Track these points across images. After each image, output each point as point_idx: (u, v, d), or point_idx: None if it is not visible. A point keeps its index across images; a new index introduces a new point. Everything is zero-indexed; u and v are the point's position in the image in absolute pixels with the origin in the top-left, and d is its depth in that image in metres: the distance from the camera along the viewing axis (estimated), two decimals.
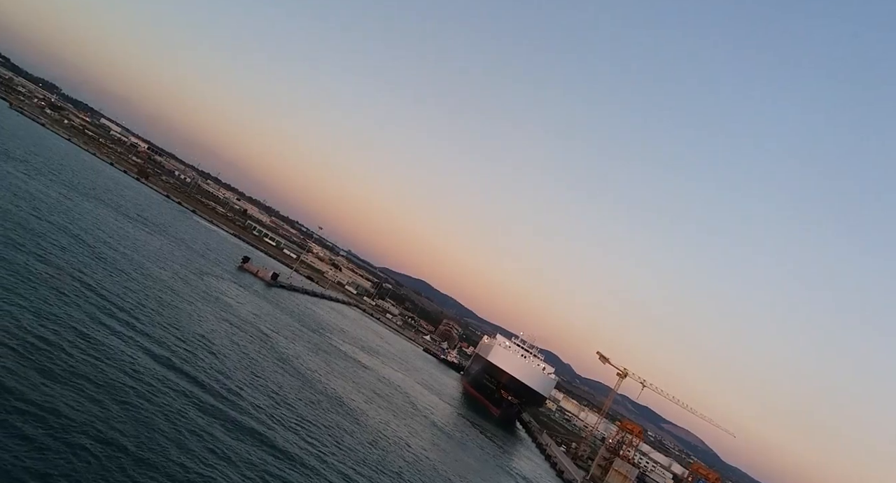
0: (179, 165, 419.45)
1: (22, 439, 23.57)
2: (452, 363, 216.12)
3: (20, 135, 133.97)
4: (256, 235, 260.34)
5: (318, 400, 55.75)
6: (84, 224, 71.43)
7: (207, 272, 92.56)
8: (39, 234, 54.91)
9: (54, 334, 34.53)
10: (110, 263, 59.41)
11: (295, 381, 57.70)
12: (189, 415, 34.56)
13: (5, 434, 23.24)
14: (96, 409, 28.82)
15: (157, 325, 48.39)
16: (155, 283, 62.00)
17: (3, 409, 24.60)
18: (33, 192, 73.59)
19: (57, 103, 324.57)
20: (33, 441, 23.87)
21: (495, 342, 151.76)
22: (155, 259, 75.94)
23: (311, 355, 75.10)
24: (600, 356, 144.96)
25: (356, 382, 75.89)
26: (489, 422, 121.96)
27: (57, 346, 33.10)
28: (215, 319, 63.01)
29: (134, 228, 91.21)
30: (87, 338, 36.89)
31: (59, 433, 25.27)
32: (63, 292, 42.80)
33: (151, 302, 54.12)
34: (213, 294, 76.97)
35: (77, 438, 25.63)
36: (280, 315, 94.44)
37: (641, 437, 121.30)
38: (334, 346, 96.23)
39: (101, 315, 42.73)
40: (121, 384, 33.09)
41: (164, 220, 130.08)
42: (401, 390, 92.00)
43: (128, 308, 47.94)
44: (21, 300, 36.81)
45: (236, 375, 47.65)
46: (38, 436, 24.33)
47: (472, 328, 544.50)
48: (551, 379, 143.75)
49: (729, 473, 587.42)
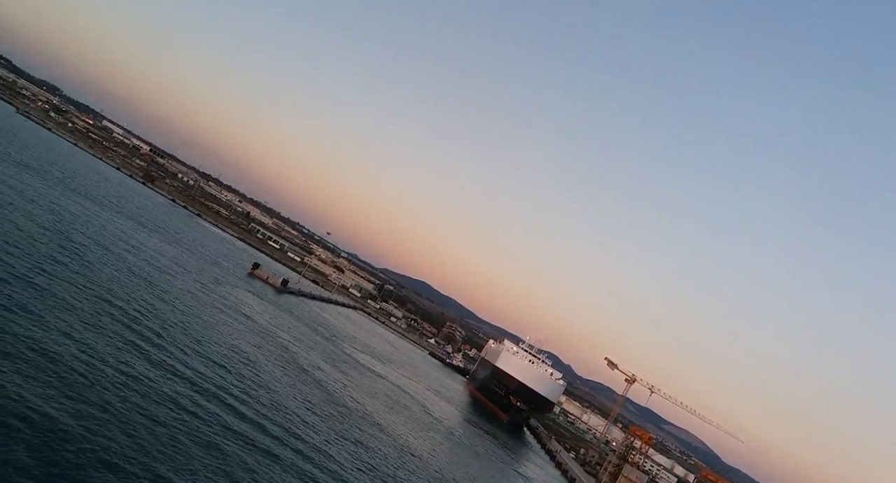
0: (181, 167, 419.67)
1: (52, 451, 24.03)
2: (458, 367, 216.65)
3: (33, 144, 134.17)
4: (260, 238, 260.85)
5: (342, 413, 56.26)
6: (107, 236, 71.80)
7: (222, 281, 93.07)
8: (66, 248, 55.30)
9: (85, 353, 34.99)
10: (137, 278, 59.83)
11: (319, 394, 58.20)
12: (221, 432, 35.05)
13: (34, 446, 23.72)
14: (125, 430, 29.31)
15: (185, 341, 48.89)
16: (178, 297, 62.44)
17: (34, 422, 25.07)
18: (56, 204, 73.91)
19: (60, 106, 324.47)
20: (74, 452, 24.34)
21: (502, 347, 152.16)
22: (174, 271, 76.37)
23: (329, 367, 75.61)
24: (608, 362, 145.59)
25: (374, 393, 76.38)
26: (498, 428, 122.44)
27: (89, 365, 33.56)
28: (238, 332, 63.48)
29: (151, 238, 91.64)
30: (118, 355, 37.37)
31: (98, 452, 25.75)
32: (94, 311, 43.24)
33: (177, 317, 54.60)
34: (232, 304, 77.44)
35: (112, 450, 26.10)
36: (295, 324, 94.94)
37: (650, 443, 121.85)
38: (348, 354, 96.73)
39: (131, 334, 43.21)
40: (152, 402, 33.55)
41: (175, 226, 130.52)
42: (415, 399, 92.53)
43: (156, 326, 48.47)
44: (53, 317, 37.25)
45: (264, 391, 48.13)
46: (83, 450, 24.81)
47: (474, 329, 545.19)
48: (559, 385, 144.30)
49: (730, 474, 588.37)
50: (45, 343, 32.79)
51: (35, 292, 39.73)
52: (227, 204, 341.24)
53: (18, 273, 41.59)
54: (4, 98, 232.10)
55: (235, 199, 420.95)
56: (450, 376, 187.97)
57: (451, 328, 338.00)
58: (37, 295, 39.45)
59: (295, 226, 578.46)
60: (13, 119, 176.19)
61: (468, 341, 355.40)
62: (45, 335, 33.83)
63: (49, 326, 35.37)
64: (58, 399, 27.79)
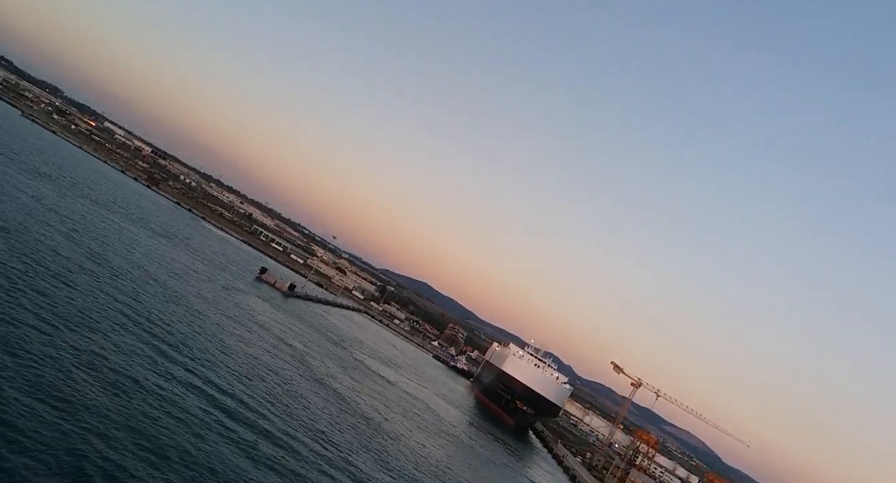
0: (182, 168, 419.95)
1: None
2: (462, 370, 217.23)
3: (41, 148, 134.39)
4: (263, 240, 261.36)
5: (362, 423, 56.62)
6: (123, 244, 72.07)
7: (233, 287, 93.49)
8: (87, 258, 55.59)
9: (107, 365, 35.33)
10: (155, 288, 60.14)
11: (338, 404, 58.58)
12: (249, 444, 35.41)
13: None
14: (154, 445, 29.68)
15: (207, 353, 49.25)
16: (195, 306, 62.79)
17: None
18: (72, 212, 74.16)
19: (62, 107, 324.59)
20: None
21: (508, 351, 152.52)
22: (188, 278, 76.75)
23: (343, 375, 75.98)
24: (614, 366, 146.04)
25: (388, 401, 76.74)
26: (504, 432, 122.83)
27: (109, 378, 33.91)
28: (255, 342, 63.83)
29: (163, 244, 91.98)
30: (142, 369, 37.71)
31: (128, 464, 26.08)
32: (118, 324, 43.58)
33: (197, 328, 54.95)
34: (246, 312, 77.81)
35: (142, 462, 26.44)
36: (306, 330, 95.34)
37: (657, 448, 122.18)
38: (359, 360, 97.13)
39: (153, 349, 43.56)
40: (175, 418, 33.90)
41: (183, 231, 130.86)
42: (427, 406, 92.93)
43: (177, 339, 48.80)
44: (82, 330, 37.56)
45: (288, 405, 48.48)
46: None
47: (475, 330, 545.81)
48: (566, 389, 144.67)
49: (731, 475, 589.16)
50: (78, 355, 33.11)
51: (61, 304, 40.03)
52: (228, 205, 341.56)
53: (41, 286, 41.89)
54: (9, 101, 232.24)
55: (237, 200, 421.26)
56: (454, 379, 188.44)
57: (453, 330, 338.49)
58: (63, 307, 39.74)
59: (296, 227, 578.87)
60: (19, 123, 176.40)
61: (470, 343, 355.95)
62: (77, 349, 34.15)
63: (78, 340, 35.68)
64: (92, 412, 28.13)
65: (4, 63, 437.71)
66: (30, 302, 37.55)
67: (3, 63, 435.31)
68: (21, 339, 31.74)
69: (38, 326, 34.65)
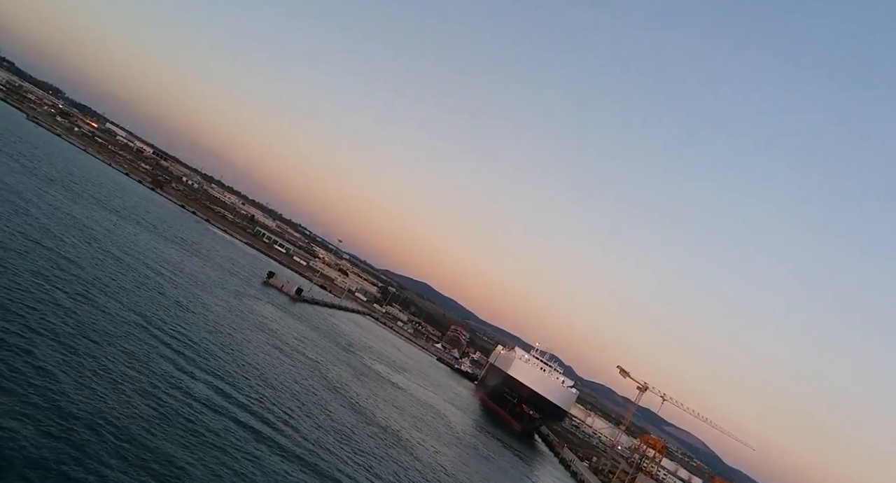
0: (184, 169, 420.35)
1: None
2: (466, 373, 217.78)
3: (48, 152, 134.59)
4: (267, 243, 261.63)
5: (376, 433, 57.00)
6: (137, 252, 72.40)
7: (244, 293, 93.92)
8: (106, 268, 55.95)
9: (131, 371, 35.73)
10: (172, 296, 60.49)
11: (354, 413, 59.00)
12: (262, 455, 35.83)
13: None
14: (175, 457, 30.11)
15: (227, 363, 49.67)
16: (211, 315, 63.20)
17: None
18: (88, 220, 74.47)
19: (65, 109, 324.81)
20: None
21: (514, 355, 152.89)
22: (202, 285, 77.13)
23: (356, 382, 76.44)
24: (621, 371, 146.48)
25: (401, 409, 77.22)
26: (510, 436, 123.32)
27: (131, 386, 34.30)
28: (270, 350, 64.25)
29: (174, 251, 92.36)
30: (166, 381, 38.13)
31: None
32: (140, 336, 43.96)
33: (215, 337, 55.36)
34: (260, 319, 78.24)
35: None
36: (316, 336, 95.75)
37: (664, 452, 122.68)
38: (368, 366, 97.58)
39: (175, 356, 43.95)
40: (202, 431, 34.32)
41: (191, 235, 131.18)
42: (437, 413, 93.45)
43: (198, 350, 49.22)
44: (107, 344, 37.95)
45: (308, 415, 48.91)
46: None
47: (476, 331, 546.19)
48: (571, 392, 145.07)
49: (731, 476, 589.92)
50: (105, 369, 33.51)
51: (83, 316, 40.39)
52: (231, 207, 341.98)
53: (63, 299, 42.25)
54: (14, 104, 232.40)
55: (238, 201, 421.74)
56: (459, 382, 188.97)
57: (455, 332, 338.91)
58: (86, 320, 40.11)
59: (296, 227, 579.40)
60: (25, 126, 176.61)
61: (471, 344, 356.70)
62: (100, 362, 34.55)
63: (102, 352, 36.07)
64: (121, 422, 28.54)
65: (6, 64, 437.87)
66: (55, 314, 37.91)
67: (5, 64, 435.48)
68: (48, 352, 32.11)
69: (65, 338, 35.02)
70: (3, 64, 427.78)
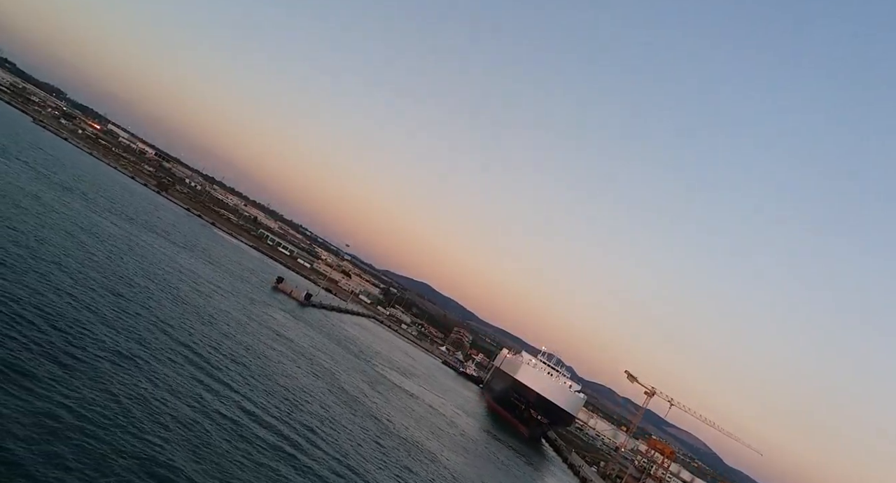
0: (185, 170, 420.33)
1: None
2: (471, 376, 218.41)
3: (58, 157, 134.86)
4: (271, 245, 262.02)
5: (399, 445, 57.40)
6: (154, 261, 72.71)
7: (256, 300, 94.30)
8: (128, 281, 56.26)
9: (154, 392, 36.09)
10: (192, 307, 60.83)
11: (374, 424, 59.38)
12: (293, 468, 36.25)
13: None
14: None
15: (248, 376, 50.04)
16: (229, 324, 63.57)
17: None
18: (101, 230, 74.74)
19: (68, 111, 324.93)
20: None
21: (521, 359, 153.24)
22: (218, 293, 77.49)
23: (372, 390, 76.82)
24: (628, 375, 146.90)
25: (418, 418, 77.65)
26: (518, 441, 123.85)
27: (153, 400, 34.67)
28: (288, 359, 64.62)
29: (188, 258, 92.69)
30: (188, 393, 38.50)
31: None
32: (167, 348, 44.30)
33: (235, 349, 55.73)
34: (274, 327, 78.63)
35: None
36: (329, 344, 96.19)
37: (673, 458, 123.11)
38: (381, 373, 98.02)
39: (198, 375, 44.31)
40: (228, 447, 34.70)
41: (201, 241, 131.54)
42: (450, 421, 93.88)
43: (221, 362, 49.57)
44: (143, 360, 38.31)
45: (334, 429, 49.28)
46: None
47: (478, 333, 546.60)
48: (579, 397, 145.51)
49: (732, 476, 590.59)
50: (135, 388, 33.87)
51: (109, 332, 40.73)
52: (233, 209, 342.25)
53: (91, 319, 42.58)
54: (19, 107, 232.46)
55: (240, 202, 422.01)
56: (464, 386, 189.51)
57: (458, 334, 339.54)
58: (114, 336, 40.45)
59: (298, 228, 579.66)
60: (32, 130, 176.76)
61: (474, 346, 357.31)
62: (130, 379, 34.90)
63: (130, 366, 36.42)
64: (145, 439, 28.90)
65: (8, 65, 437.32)
66: (83, 330, 38.23)
67: (7, 65, 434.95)
68: (76, 367, 32.43)
69: (97, 354, 35.35)
70: (5, 65, 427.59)
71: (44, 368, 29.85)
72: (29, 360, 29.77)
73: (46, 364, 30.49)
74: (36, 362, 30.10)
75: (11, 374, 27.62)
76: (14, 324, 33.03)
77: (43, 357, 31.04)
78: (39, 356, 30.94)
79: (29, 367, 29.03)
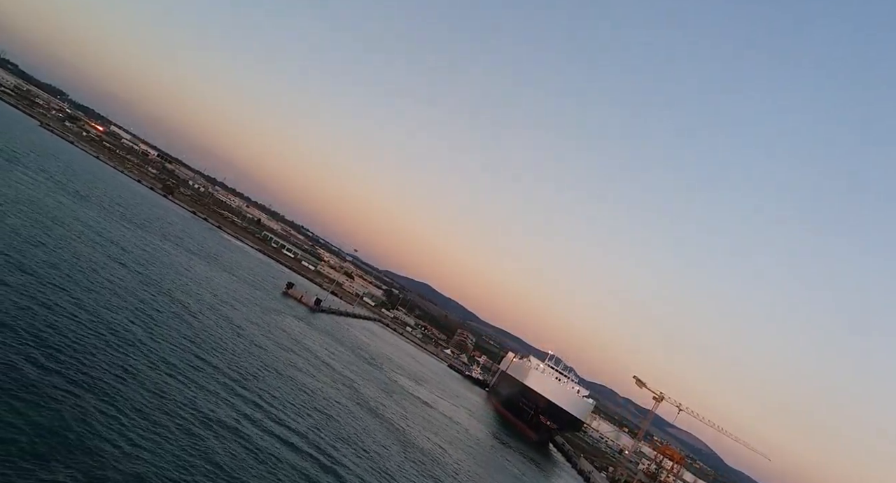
0: (188, 172, 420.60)
1: None
2: (477, 379, 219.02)
3: (68, 162, 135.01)
4: (275, 247, 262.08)
5: (420, 458, 57.72)
6: (174, 271, 72.95)
7: (271, 308, 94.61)
8: (154, 292, 56.53)
9: (180, 405, 36.38)
10: (213, 320, 61.08)
11: (394, 436, 59.75)
12: None
13: None
14: None
15: (273, 389, 50.38)
16: (249, 335, 63.89)
17: None
18: (119, 239, 74.94)
19: (72, 114, 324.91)
20: None
21: (529, 365, 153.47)
22: (234, 301, 77.79)
23: (388, 400, 77.24)
24: (637, 381, 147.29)
25: (434, 428, 77.99)
26: (527, 445, 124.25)
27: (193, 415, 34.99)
28: (308, 370, 64.93)
29: (202, 266, 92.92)
30: (215, 408, 38.81)
31: None
32: (192, 365, 44.57)
33: (257, 361, 56.06)
34: (290, 335, 79.01)
35: None
36: (343, 351, 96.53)
37: (683, 463, 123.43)
38: (395, 381, 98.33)
39: (224, 390, 44.62)
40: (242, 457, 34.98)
41: (211, 247, 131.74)
42: (465, 430, 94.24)
43: (249, 378, 49.90)
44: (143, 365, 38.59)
45: (357, 442, 49.63)
46: None
47: (480, 334, 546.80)
48: (588, 403, 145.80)
49: (733, 476, 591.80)
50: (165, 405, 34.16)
51: (137, 345, 41.02)
52: (237, 210, 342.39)
53: (130, 331, 42.84)
54: (25, 110, 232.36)
55: (242, 203, 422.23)
56: (471, 390, 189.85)
57: (462, 335, 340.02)
58: (140, 347, 40.74)
59: (299, 229, 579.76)
60: (41, 135, 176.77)
61: (477, 347, 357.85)
62: (153, 385, 35.19)
63: (156, 378, 36.71)
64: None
65: (10, 66, 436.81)
66: (108, 343, 38.49)
67: (9, 66, 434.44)
68: (100, 380, 32.72)
69: (121, 366, 35.64)
70: (7, 66, 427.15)
71: (106, 379, 30.14)
72: (93, 367, 30.06)
73: (107, 373, 30.79)
74: (100, 370, 30.39)
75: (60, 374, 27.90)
76: (79, 337, 33.29)
77: (101, 367, 31.33)
78: (101, 365, 31.25)
79: (95, 375, 29.33)
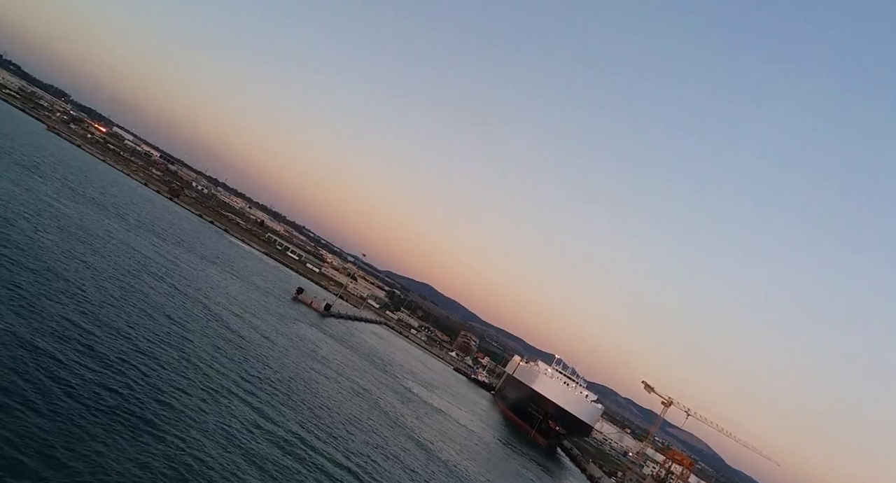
0: (190, 173, 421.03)
1: None
2: (483, 383, 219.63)
3: (78, 167, 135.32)
4: (280, 250, 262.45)
5: (440, 470, 58.16)
6: (196, 281, 73.25)
7: (284, 314, 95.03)
8: (179, 304, 56.85)
9: (205, 419, 36.75)
10: (234, 328, 61.45)
11: (414, 446, 60.22)
12: None
13: None
14: None
15: (299, 402, 50.78)
16: (268, 345, 64.31)
17: None
18: (140, 248, 75.25)
19: (76, 116, 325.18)
20: None
21: (538, 369, 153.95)
22: (252, 310, 78.18)
23: (404, 407, 77.93)
24: (645, 386, 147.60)
25: (451, 438, 78.56)
26: (535, 450, 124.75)
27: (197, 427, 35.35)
28: (327, 381, 65.35)
29: (217, 274, 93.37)
30: (240, 423, 39.22)
31: None
32: (215, 383, 44.95)
33: (280, 375, 56.48)
34: (307, 344, 79.53)
35: None
36: (356, 358, 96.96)
37: (692, 469, 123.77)
38: (406, 388, 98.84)
39: (247, 399, 45.02)
40: None
41: (222, 252, 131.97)
42: (479, 438, 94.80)
43: (270, 387, 50.30)
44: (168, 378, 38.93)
45: (387, 456, 50.09)
46: None
47: (481, 335, 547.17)
48: (597, 408, 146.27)
49: (734, 477, 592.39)
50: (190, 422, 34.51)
51: (165, 360, 41.37)
52: (240, 212, 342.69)
53: (161, 347, 43.18)
54: (31, 113, 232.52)
55: (245, 205, 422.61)
56: (477, 393, 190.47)
57: (466, 337, 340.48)
58: (176, 364, 41.09)
59: (301, 230, 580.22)
60: (49, 139, 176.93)
61: (480, 349, 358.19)
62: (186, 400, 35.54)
63: (184, 396, 37.06)
64: None
65: (13, 67, 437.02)
66: (137, 359, 38.84)
67: (12, 67, 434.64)
68: (127, 392, 33.07)
69: (144, 377, 35.99)
70: (9, 67, 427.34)
71: (150, 410, 30.49)
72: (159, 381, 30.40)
73: (150, 405, 31.12)
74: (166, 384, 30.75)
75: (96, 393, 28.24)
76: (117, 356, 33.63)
77: (144, 391, 31.67)
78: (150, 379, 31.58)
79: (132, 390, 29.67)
